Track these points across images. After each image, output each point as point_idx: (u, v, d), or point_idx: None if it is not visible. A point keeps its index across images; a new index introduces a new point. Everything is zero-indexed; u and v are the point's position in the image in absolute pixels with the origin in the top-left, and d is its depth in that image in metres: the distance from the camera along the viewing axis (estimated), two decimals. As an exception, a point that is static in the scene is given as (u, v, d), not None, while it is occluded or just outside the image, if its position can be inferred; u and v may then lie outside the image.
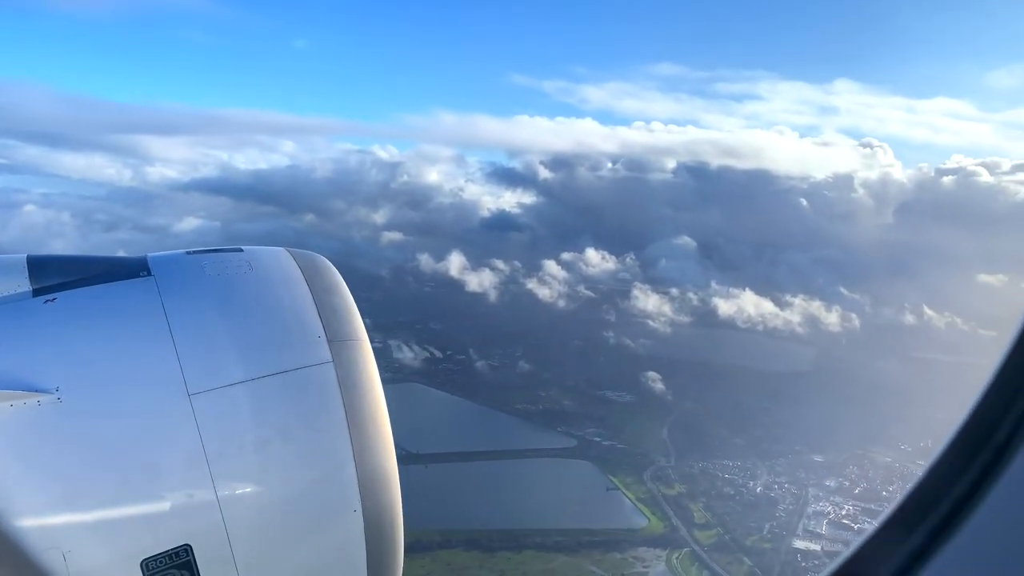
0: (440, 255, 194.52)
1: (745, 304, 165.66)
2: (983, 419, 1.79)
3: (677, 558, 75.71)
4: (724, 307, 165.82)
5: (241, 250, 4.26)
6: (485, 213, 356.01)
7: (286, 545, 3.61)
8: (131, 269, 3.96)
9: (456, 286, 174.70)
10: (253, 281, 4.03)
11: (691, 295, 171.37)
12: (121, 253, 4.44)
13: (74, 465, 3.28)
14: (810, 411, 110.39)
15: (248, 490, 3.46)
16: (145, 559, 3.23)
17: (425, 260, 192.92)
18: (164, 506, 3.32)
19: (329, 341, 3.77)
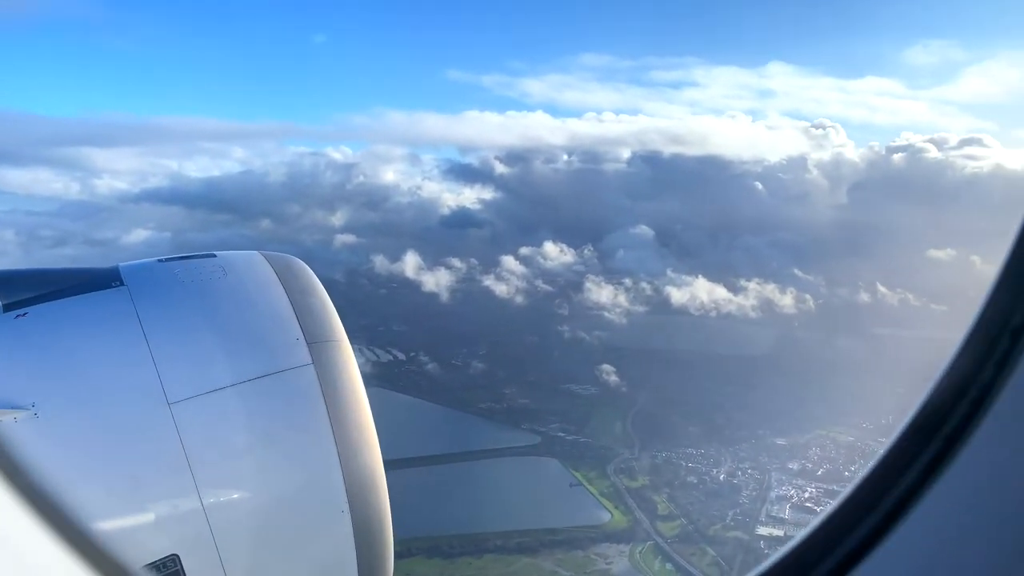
0: (395, 256, 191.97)
1: (698, 291, 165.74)
2: (933, 410, 1.83)
3: (640, 552, 74.80)
4: (677, 295, 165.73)
5: (214, 255, 4.22)
6: (445, 211, 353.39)
7: (275, 549, 3.59)
8: (103, 280, 3.87)
9: (412, 287, 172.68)
10: (228, 286, 4.00)
11: (644, 285, 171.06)
12: None
13: (54, 481, 2.65)
14: (772, 394, 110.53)
15: (234, 496, 3.43)
16: None
17: (380, 261, 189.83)
18: (149, 517, 3.28)
19: (308, 343, 3.76)
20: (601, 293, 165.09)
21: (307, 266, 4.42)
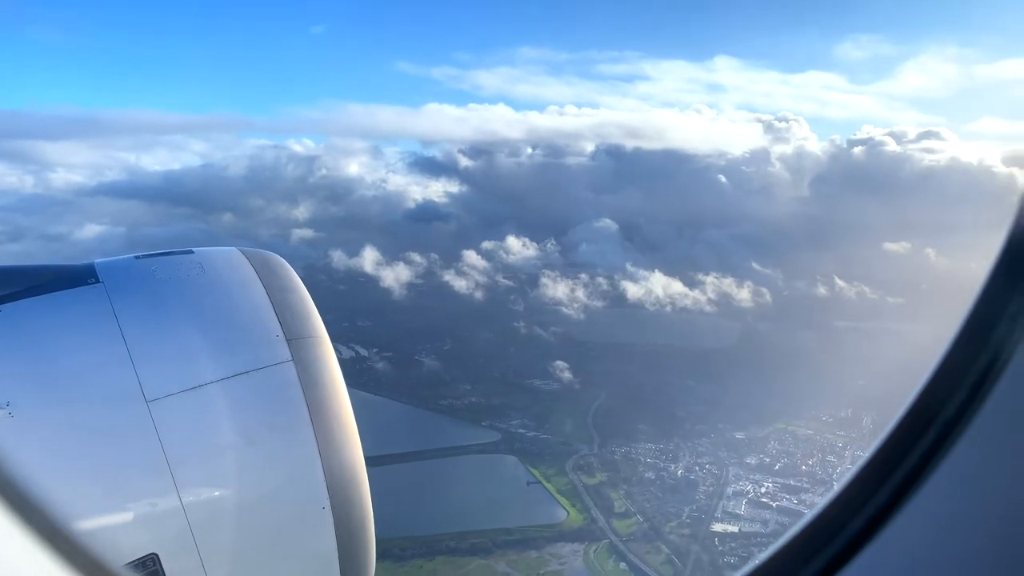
0: (354, 250, 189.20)
1: (654, 286, 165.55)
2: (926, 404, 1.86)
3: (594, 552, 73.83)
4: (633, 290, 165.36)
5: (192, 252, 4.16)
6: (411, 204, 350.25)
7: (256, 547, 3.56)
8: (78, 277, 3.84)
9: (371, 282, 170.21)
10: (206, 283, 3.95)
11: (600, 279, 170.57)
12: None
13: (30, 481, 2.87)
14: (733, 387, 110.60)
15: (213, 494, 3.42)
16: None
17: (338, 256, 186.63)
18: (127, 516, 3.27)
19: (288, 340, 3.73)
20: (557, 288, 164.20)
21: (286, 262, 4.34)
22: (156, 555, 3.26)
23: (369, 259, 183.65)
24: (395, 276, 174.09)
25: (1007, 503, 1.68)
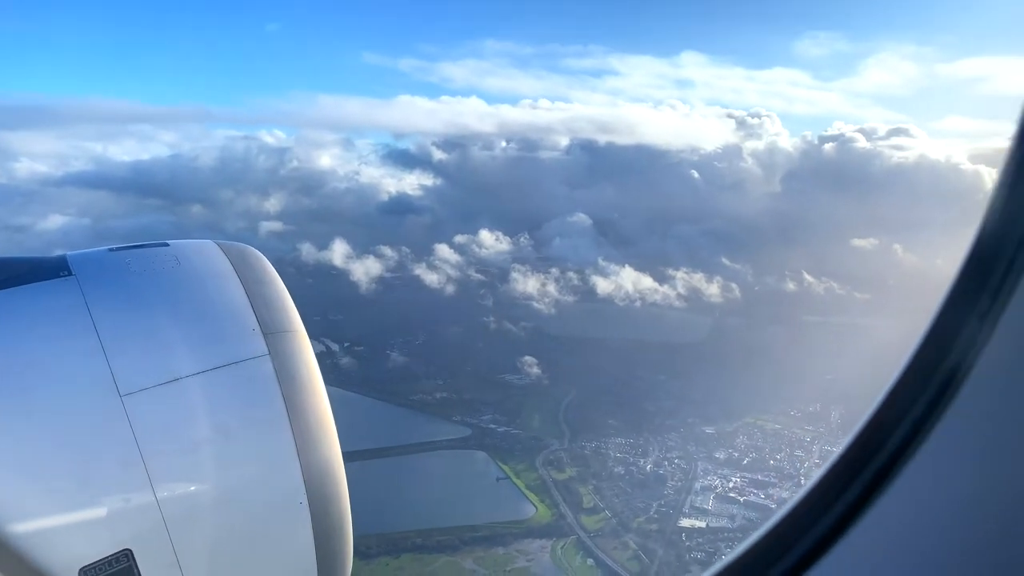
0: (324, 243, 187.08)
1: (624, 281, 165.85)
2: (878, 426, 1.90)
3: (562, 548, 73.67)
4: (603, 285, 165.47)
5: (167, 244, 4.14)
6: (385, 197, 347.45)
7: (232, 542, 3.55)
8: (50, 270, 3.81)
9: (341, 275, 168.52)
10: (181, 276, 3.93)
11: (571, 274, 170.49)
12: None
13: (2, 476, 3.18)
14: (702, 382, 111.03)
15: (189, 489, 3.41)
16: (83, 567, 3.17)
17: (307, 249, 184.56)
18: (100, 512, 3.25)
19: (264, 333, 3.70)
20: (527, 283, 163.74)
21: (262, 255, 4.29)
22: (130, 550, 3.24)
23: (339, 252, 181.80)
24: (365, 270, 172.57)
25: (974, 502, 1.71)
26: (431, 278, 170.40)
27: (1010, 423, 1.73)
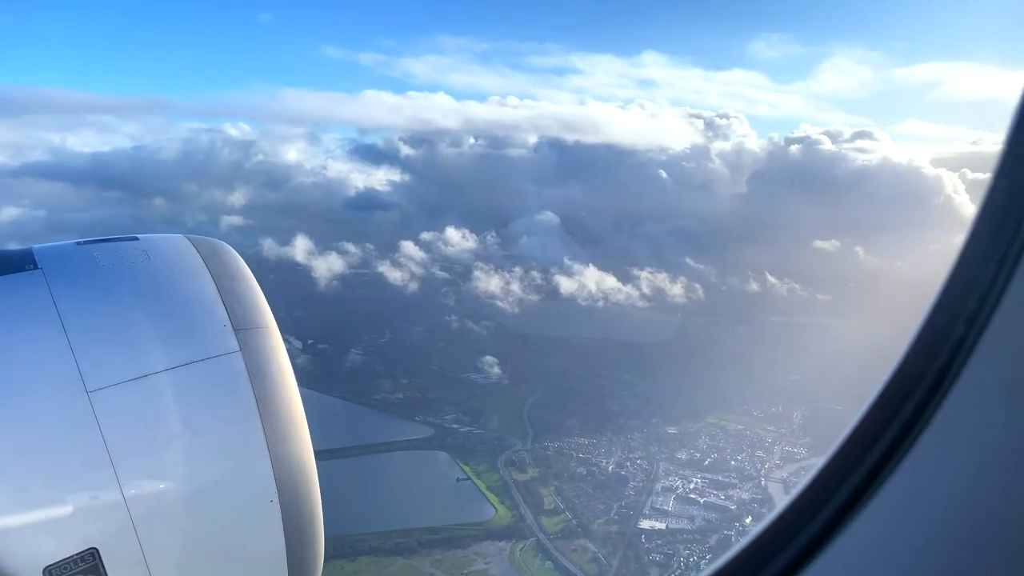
0: (286, 239, 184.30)
1: (587, 280, 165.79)
2: (889, 400, 1.91)
3: (521, 550, 72.90)
4: (566, 284, 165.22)
5: (136, 238, 4.09)
6: (353, 192, 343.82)
7: (201, 541, 3.49)
8: (14, 263, 3.75)
9: (303, 271, 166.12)
10: (151, 270, 3.88)
11: (535, 273, 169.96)
12: None
13: None
14: (667, 381, 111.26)
15: (157, 487, 3.37)
16: (48, 566, 3.14)
17: (269, 245, 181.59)
18: (66, 510, 3.21)
19: (235, 329, 3.66)
20: (491, 282, 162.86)
21: (234, 250, 4.18)
22: (96, 549, 3.19)
23: (301, 248, 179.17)
24: (328, 266, 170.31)
25: (966, 504, 1.71)
26: (395, 275, 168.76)
27: (999, 426, 1.73)
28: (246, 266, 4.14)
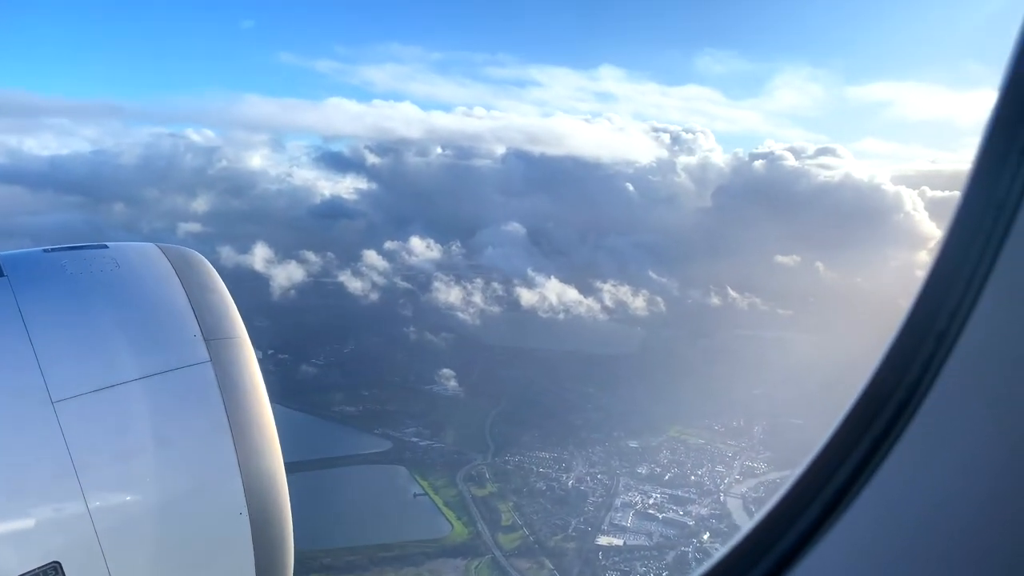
0: (245, 247, 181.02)
1: (548, 293, 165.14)
2: (862, 413, 1.93)
3: (476, 568, 71.64)
4: (527, 296, 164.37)
5: (106, 246, 4.05)
6: (318, 200, 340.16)
7: (168, 555, 3.43)
8: None
9: (262, 280, 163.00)
10: (120, 279, 3.84)
11: (496, 284, 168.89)
12: None
13: None
14: (630, 395, 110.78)
15: (123, 499, 3.32)
16: None
17: (227, 253, 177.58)
18: (28, 523, 3.16)
19: (206, 340, 3.63)
20: (450, 293, 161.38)
21: (205, 260, 4.20)
22: (58, 563, 3.13)
23: (260, 256, 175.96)
24: (287, 275, 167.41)
25: (934, 520, 1.74)
26: (355, 285, 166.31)
27: (969, 442, 1.76)
28: (218, 276, 4.09)
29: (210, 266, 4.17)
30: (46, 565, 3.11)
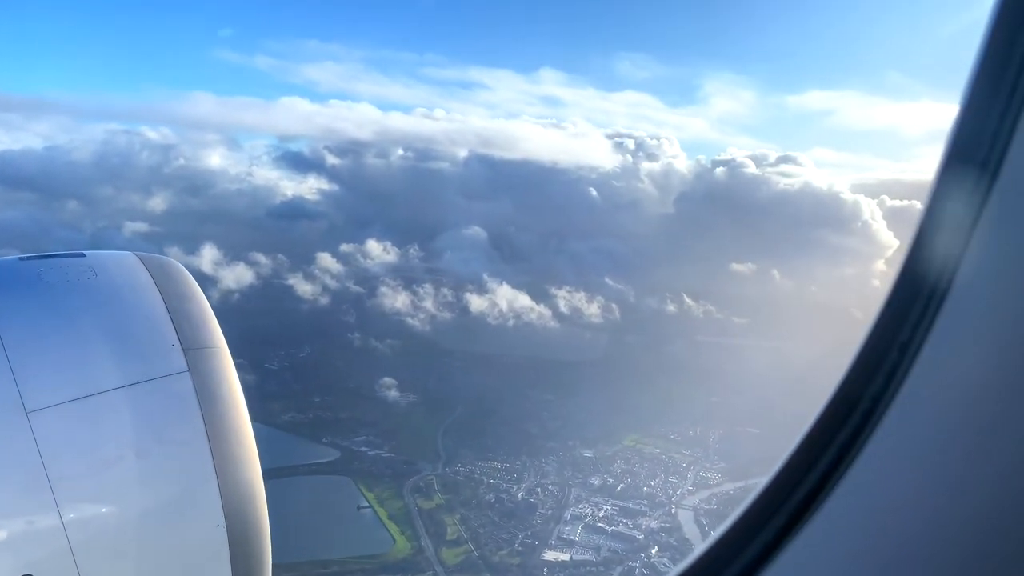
0: (193, 248, 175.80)
1: (498, 299, 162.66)
2: (826, 423, 1.97)
3: (415, 585, 69.06)
4: (477, 302, 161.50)
5: (83, 255, 4.06)
6: (278, 200, 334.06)
7: (144, 566, 3.42)
8: None
9: (208, 282, 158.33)
10: (98, 288, 3.81)
11: (445, 290, 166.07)
12: None
13: None
14: (590, 402, 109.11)
15: (98, 512, 3.29)
16: None
17: (174, 254, 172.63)
18: (0, 535, 3.12)
19: (184, 349, 3.62)
20: (396, 299, 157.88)
21: (184, 268, 4.18)
22: None
23: (208, 258, 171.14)
24: (235, 277, 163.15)
25: (896, 529, 1.78)
26: (304, 288, 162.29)
27: (931, 451, 1.80)
28: (196, 285, 4.02)
29: (189, 275, 4.08)
30: None
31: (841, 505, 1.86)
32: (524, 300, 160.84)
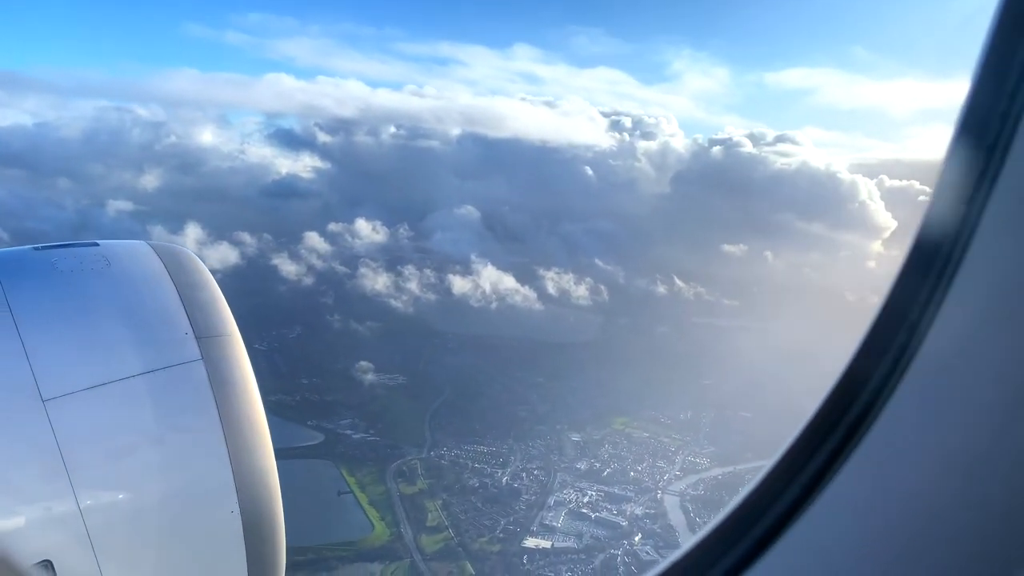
0: (177, 227, 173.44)
1: (483, 280, 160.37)
2: (832, 406, 1.97)
3: (392, 573, 67.44)
4: (460, 284, 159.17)
5: (97, 244, 4.07)
6: (271, 179, 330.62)
7: (160, 552, 3.44)
8: None
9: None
10: (111, 277, 3.82)
11: (428, 271, 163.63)
12: None
13: None
14: (580, 385, 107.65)
15: (115, 498, 3.32)
16: None
17: (157, 232, 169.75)
18: (19, 521, 3.13)
19: (197, 338, 3.64)
20: (377, 280, 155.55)
21: (197, 257, 4.23)
22: (49, 562, 3.12)
23: (192, 237, 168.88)
24: (220, 256, 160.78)
25: (911, 499, 1.77)
26: (289, 269, 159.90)
27: (928, 448, 1.80)
28: (209, 273, 4.03)
29: (201, 264, 4.09)
30: (36, 563, 3.07)
31: (831, 505, 1.84)
32: (509, 282, 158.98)
